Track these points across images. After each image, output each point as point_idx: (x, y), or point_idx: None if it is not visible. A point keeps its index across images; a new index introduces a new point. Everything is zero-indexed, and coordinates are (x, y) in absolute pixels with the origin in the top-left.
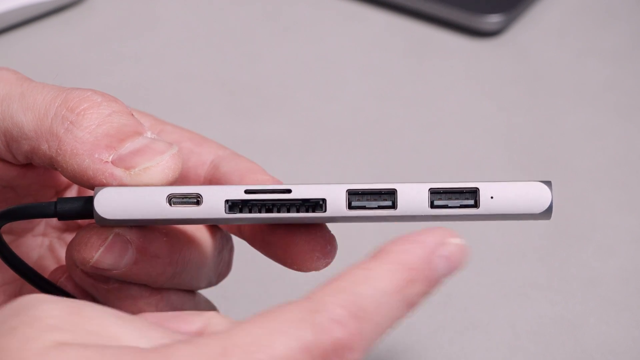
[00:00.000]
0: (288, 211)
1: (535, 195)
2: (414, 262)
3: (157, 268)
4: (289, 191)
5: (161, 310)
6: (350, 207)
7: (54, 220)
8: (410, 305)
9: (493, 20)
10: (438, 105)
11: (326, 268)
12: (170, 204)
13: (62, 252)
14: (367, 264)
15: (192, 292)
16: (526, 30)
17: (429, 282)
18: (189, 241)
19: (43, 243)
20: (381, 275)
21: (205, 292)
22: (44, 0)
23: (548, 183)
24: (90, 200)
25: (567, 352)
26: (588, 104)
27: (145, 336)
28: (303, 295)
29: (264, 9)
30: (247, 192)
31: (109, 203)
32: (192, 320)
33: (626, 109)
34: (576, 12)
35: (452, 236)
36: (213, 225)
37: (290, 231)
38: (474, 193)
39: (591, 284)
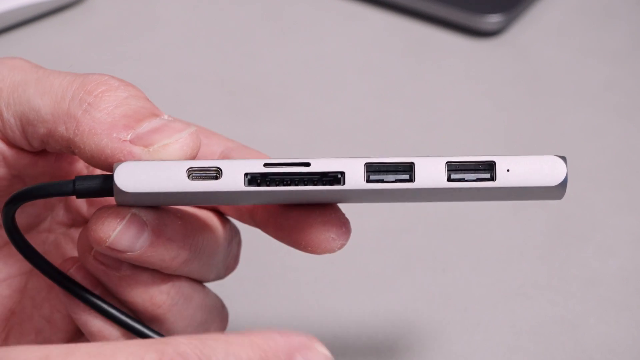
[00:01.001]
0: (306, 185)
1: (551, 168)
2: (273, 349)
3: (172, 251)
4: (307, 164)
5: (172, 298)
6: (368, 180)
7: (60, 215)
8: None
9: (493, 20)
10: (438, 105)
11: (336, 253)
12: (189, 178)
13: (67, 249)
14: (231, 336)
15: (201, 283)
16: (526, 30)
17: None
18: (203, 227)
19: (48, 239)
20: (236, 342)
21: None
22: (44, 0)
23: (563, 157)
24: (109, 176)
25: (567, 352)
26: (588, 104)
27: None
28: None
29: (264, 9)
30: (266, 165)
31: (129, 176)
32: None
33: (626, 109)
34: (576, 12)
35: (319, 343)
36: (223, 216)
37: (305, 213)
38: (490, 166)
39: (591, 284)
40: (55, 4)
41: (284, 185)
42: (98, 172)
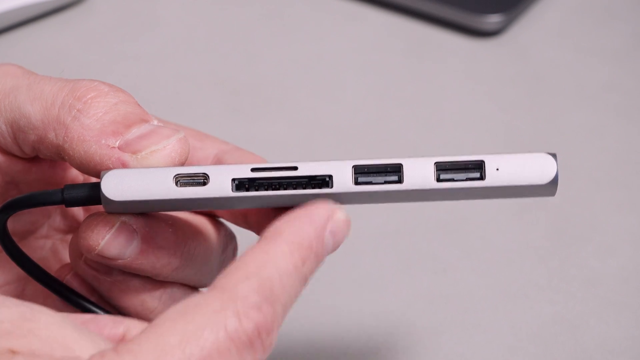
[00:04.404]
0: (294, 189)
1: (541, 166)
2: (307, 241)
3: (162, 259)
4: (295, 168)
5: (165, 304)
6: (356, 183)
7: (57, 222)
8: (306, 280)
9: (493, 20)
10: (438, 105)
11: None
12: (177, 185)
13: (65, 255)
14: (266, 246)
15: (196, 289)
16: (526, 30)
17: (320, 258)
18: (195, 234)
19: (45, 245)
20: (280, 256)
21: None
22: (44, 0)
23: (553, 155)
24: (97, 184)
25: (567, 352)
26: (588, 104)
27: (97, 346)
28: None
29: (264, 9)
30: (253, 170)
31: (116, 184)
32: (112, 325)
33: (626, 109)
34: (576, 12)
35: (338, 211)
36: (217, 221)
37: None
38: (479, 165)
39: (591, 284)
40: (55, 4)
41: (272, 189)
42: (93, 179)
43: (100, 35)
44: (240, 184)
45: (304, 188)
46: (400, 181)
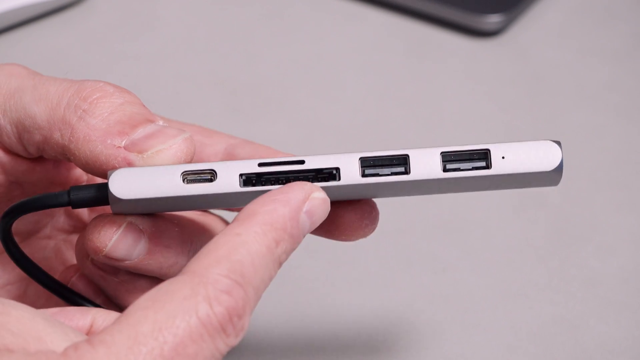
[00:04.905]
0: None
1: (546, 153)
2: (280, 222)
3: (170, 259)
4: (302, 162)
5: None
6: (363, 175)
7: (61, 222)
8: (280, 262)
9: (493, 20)
10: (438, 105)
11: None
12: (184, 182)
13: (68, 255)
14: (238, 228)
15: None
16: (526, 30)
17: (295, 239)
18: (201, 232)
19: (48, 245)
20: (253, 238)
21: None
22: (44, 0)
23: (558, 142)
24: (104, 185)
25: (567, 352)
26: (588, 104)
27: (69, 338)
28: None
29: (264, 9)
30: (260, 165)
31: (124, 183)
32: (80, 316)
33: (626, 109)
34: (576, 12)
35: (315, 191)
36: (223, 219)
37: (334, 203)
38: (485, 154)
39: (591, 284)
40: (55, 4)
41: (280, 184)
42: (98, 180)
43: (101, 35)
44: (248, 179)
45: (311, 181)
46: (407, 172)
